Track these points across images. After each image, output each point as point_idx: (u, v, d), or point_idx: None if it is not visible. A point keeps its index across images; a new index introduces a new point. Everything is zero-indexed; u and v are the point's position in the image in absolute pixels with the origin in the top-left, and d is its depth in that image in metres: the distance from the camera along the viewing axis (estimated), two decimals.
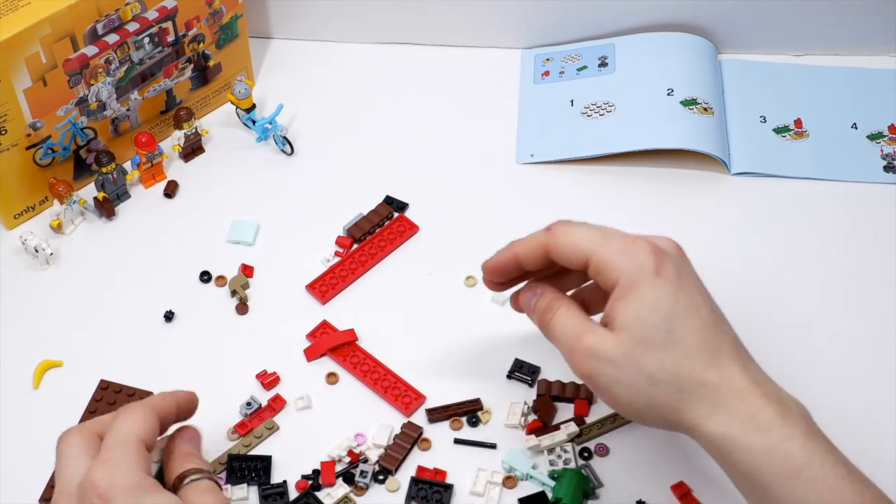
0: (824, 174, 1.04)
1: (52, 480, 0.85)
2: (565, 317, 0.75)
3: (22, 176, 0.98)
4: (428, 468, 0.85)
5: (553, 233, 0.76)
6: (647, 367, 0.70)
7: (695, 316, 0.71)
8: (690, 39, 1.11)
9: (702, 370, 0.70)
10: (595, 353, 0.71)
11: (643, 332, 0.70)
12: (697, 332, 0.71)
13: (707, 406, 0.70)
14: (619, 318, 0.71)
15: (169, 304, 0.95)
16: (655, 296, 0.71)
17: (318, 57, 1.15)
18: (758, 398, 0.69)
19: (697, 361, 0.70)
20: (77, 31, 0.94)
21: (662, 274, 0.71)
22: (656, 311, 0.70)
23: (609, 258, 0.72)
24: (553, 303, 0.76)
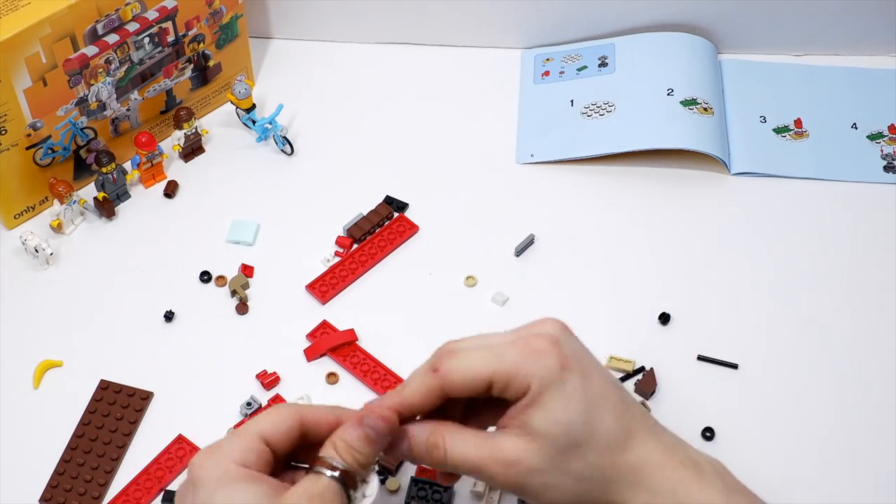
0: (824, 174, 1.04)
1: (52, 480, 0.85)
2: (459, 443, 0.69)
3: (22, 176, 0.98)
4: (428, 468, 0.85)
5: (443, 373, 0.69)
6: (574, 468, 0.68)
7: (605, 402, 0.69)
8: (690, 39, 1.11)
9: (622, 455, 0.69)
10: (520, 465, 0.68)
11: (564, 435, 0.68)
12: (611, 418, 0.69)
13: (631, 488, 0.69)
14: (536, 425, 0.68)
15: (169, 304, 0.95)
16: (567, 394, 0.68)
17: (318, 57, 1.15)
18: (675, 468, 0.69)
19: (617, 448, 0.69)
20: (77, 31, 0.94)
21: (567, 366, 0.68)
22: (571, 410, 0.68)
23: (514, 369, 0.68)
24: (433, 437, 0.69)
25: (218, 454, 0.66)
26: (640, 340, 0.92)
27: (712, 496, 0.68)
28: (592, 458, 0.68)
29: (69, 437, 0.87)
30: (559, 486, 0.68)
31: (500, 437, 0.69)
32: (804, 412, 0.89)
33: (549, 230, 1.00)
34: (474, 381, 0.69)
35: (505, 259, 0.98)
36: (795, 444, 0.86)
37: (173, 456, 0.86)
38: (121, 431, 0.88)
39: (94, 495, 0.85)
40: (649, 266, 0.98)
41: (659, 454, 0.69)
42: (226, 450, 0.66)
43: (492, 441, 0.69)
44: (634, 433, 0.70)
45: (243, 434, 0.68)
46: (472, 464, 0.69)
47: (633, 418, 0.70)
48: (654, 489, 0.68)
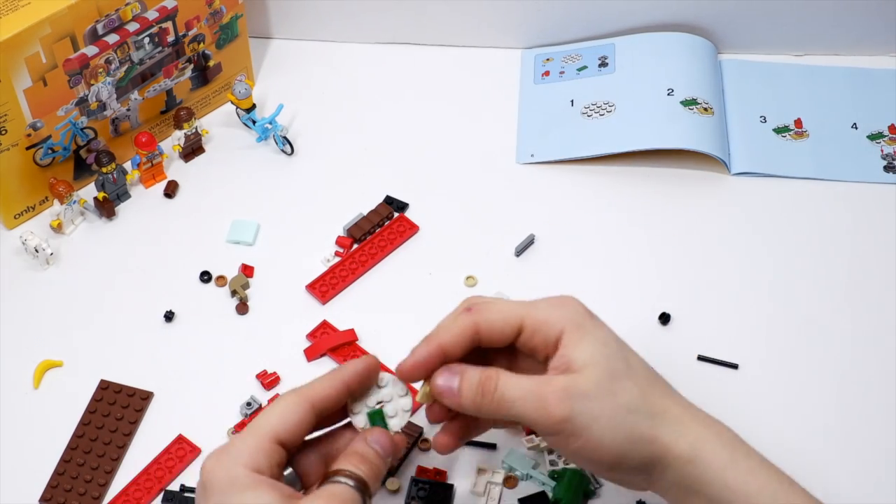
0: (824, 174, 1.04)
1: (52, 480, 0.85)
2: (512, 379, 0.70)
3: (22, 176, 0.98)
4: (428, 468, 0.85)
5: (476, 310, 0.72)
6: (621, 397, 0.69)
7: (633, 352, 0.73)
8: (690, 39, 1.11)
9: (664, 397, 0.71)
10: (571, 390, 0.69)
11: (607, 364, 0.70)
12: (642, 366, 0.72)
13: (676, 427, 0.70)
14: (580, 358, 0.70)
15: (169, 304, 0.95)
16: (602, 333, 0.72)
17: (318, 57, 1.15)
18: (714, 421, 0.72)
19: (654, 391, 0.71)
20: (77, 31, 0.94)
21: (595, 318, 0.73)
22: (609, 346, 0.71)
23: (544, 315, 0.71)
24: (487, 372, 0.70)
25: (227, 459, 0.66)
26: (640, 340, 0.92)
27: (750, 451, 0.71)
28: (637, 391, 0.70)
29: (69, 437, 0.87)
30: (609, 417, 0.69)
31: (548, 375, 0.71)
32: (804, 412, 0.89)
33: (549, 230, 1.00)
34: (506, 323, 0.71)
35: (505, 259, 0.98)
36: (795, 444, 0.86)
37: (173, 456, 0.86)
38: (121, 431, 0.88)
39: (94, 495, 0.85)
40: (649, 266, 0.98)
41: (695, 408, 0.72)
42: (235, 454, 0.66)
43: (543, 378, 0.70)
44: (665, 387, 0.73)
45: (254, 435, 0.67)
46: (529, 395, 0.69)
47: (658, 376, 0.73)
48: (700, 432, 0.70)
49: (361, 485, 0.67)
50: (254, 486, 0.65)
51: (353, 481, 0.67)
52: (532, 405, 0.69)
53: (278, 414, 0.68)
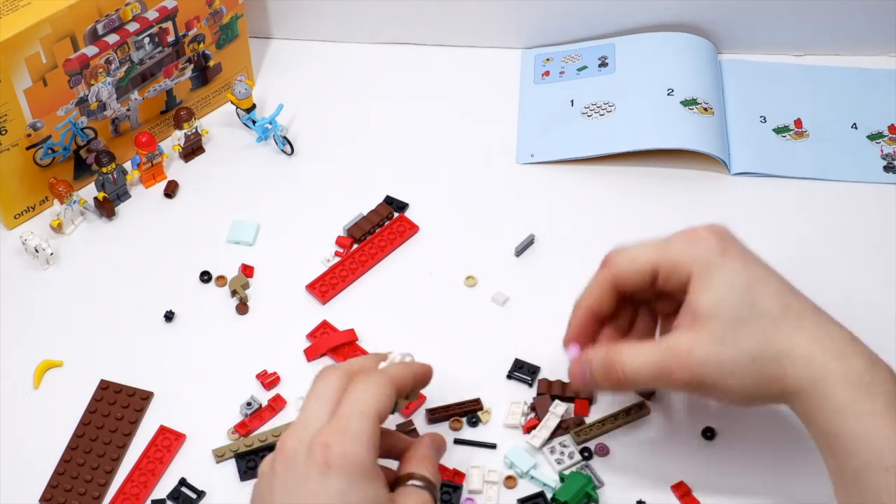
0: (824, 174, 1.04)
1: (52, 480, 0.85)
2: (634, 354, 0.74)
3: (22, 176, 0.98)
4: (448, 468, 0.85)
5: (610, 264, 0.77)
6: (745, 346, 0.71)
7: (768, 285, 0.74)
8: (690, 39, 1.11)
9: (791, 333, 0.72)
10: (696, 356, 0.71)
11: (729, 312, 0.71)
12: (776, 299, 0.73)
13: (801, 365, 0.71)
14: (703, 307, 0.72)
15: (169, 304, 0.95)
16: (729, 274, 0.73)
17: (318, 57, 1.15)
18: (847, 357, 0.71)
19: (785, 325, 0.72)
20: (77, 31, 0.94)
21: (728, 252, 0.74)
22: (735, 289, 0.72)
23: (675, 257, 0.74)
24: (609, 354, 0.75)
25: (354, 441, 0.67)
26: None
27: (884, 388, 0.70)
28: (762, 335, 0.71)
29: (69, 437, 0.87)
30: (735, 369, 0.71)
31: (672, 336, 0.73)
32: None
33: (549, 230, 1.00)
34: (640, 269, 0.75)
35: (505, 259, 0.98)
36: (796, 445, 0.86)
37: (160, 447, 0.86)
38: (121, 431, 0.88)
39: (94, 495, 0.85)
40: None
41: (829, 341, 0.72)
42: (360, 437, 0.67)
43: (664, 342, 0.73)
44: (803, 317, 0.73)
45: (367, 418, 0.68)
46: (652, 367, 0.73)
47: (800, 305, 0.74)
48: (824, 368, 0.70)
49: (431, 486, 0.72)
50: (377, 478, 0.67)
51: (424, 483, 0.71)
52: (659, 377, 0.73)
53: (377, 395, 0.70)
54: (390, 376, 0.72)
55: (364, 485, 0.66)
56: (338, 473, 0.65)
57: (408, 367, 0.75)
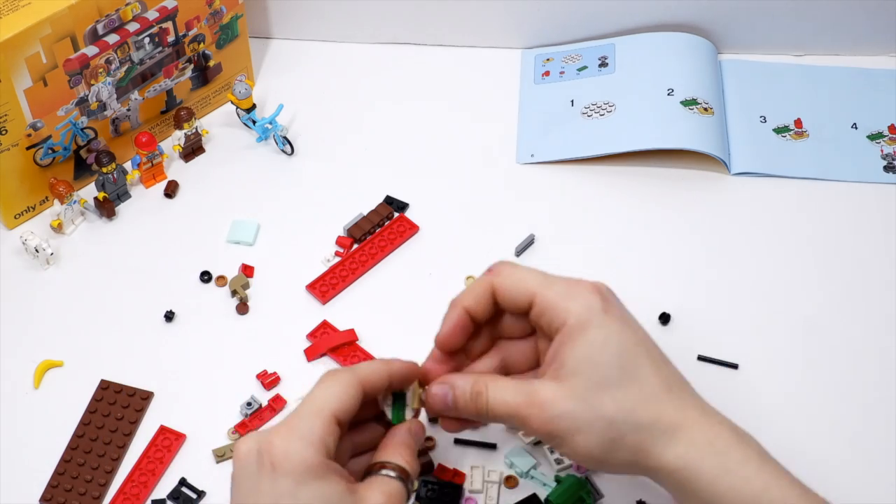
0: (824, 174, 1.04)
1: (52, 480, 0.85)
2: (500, 391, 0.71)
3: (22, 176, 0.98)
4: (448, 468, 0.85)
5: (496, 272, 0.74)
6: (605, 411, 0.69)
7: (644, 352, 0.71)
8: (690, 39, 1.11)
9: (658, 405, 0.69)
10: (551, 409, 0.69)
11: (597, 374, 0.69)
12: (649, 367, 0.70)
13: (665, 439, 0.69)
14: (569, 363, 0.69)
15: (169, 304, 0.95)
16: (604, 334, 0.70)
17: (318, 57, 1.15)
18: (713, 425, 0.70)
19: (653, 397, 0.69)
20: (77, 31, 0.94)
21: (609, 312, 0.71)
22: (607, 350, 0.69)
23: (555, 300, 0.71)
24: (477, 385, 0.72)
25: (299, 440, 0.66)
26: None
27: (750, 455, 0.69)
28: (626, 403, 0.69)
29: (69, 437, 0.87)
30: (590, 430, 0.69)
31: (536, 382, 0.71)
32: (804, 412, 0.89)
33: (549, 230, 1.00)
34: (519, 292, 0.73)
35: (505, 259, 0.98)
36: (796, 444, 0.86)
37: (160, 447, 0.86)
38: (121, 431, 0.88)
39: (94, 495, 0.85)
40: (649, 266, 0.98)
41: (697, 413, 0.70)
42: (307, 436, 0.66)
43: (529, 386, 0.71)
44: (673, 389, 0.70)
45: (318, 415, 0.67)
46: (510, 408, 0.71)
47: (672, 376, 0.71)
48: (690, 441, 0.69)
49: (404, 475, 0.70)
50: (328, 475, 0.66)
51: (396, 473, 0.69)
52: (516, 420, 0.71)
53: (337, 394, 0.69)
54: (357, 375, 0.71)
55: (313, 483, 0.65)
56: (284, 474, 0.65)
57: (384, 365, 0.73)
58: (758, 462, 0.69)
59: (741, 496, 0.68)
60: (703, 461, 0.69)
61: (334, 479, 0.66)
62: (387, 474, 0.69)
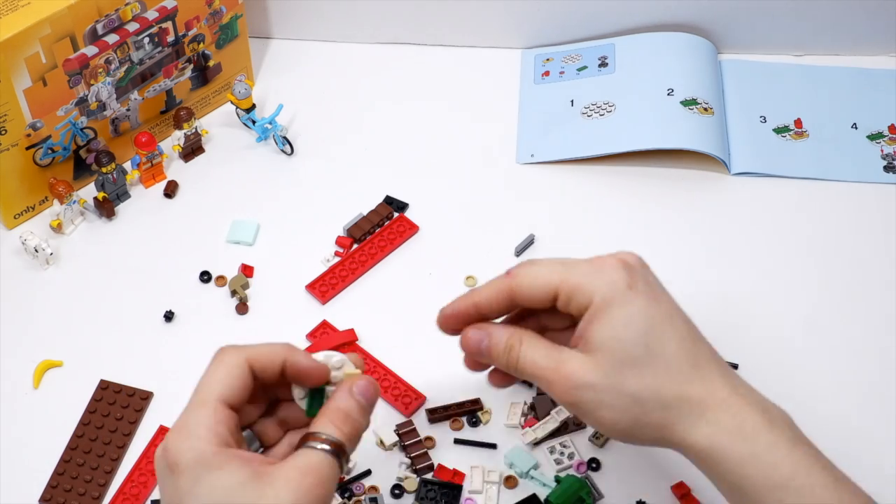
0: (824, 174, 1.04)
1: (52, 480, 0.85)
2: (532, 350, 0.71)
3: (22, 176, 0.98)
4: (448, 468, 0.85)
5: (514, 275, 0.73)
6: (629, 388, 0.68)
7: (671, 328, 0.70)
8: (690, 39, 1.11)
9: (684, 383, 0.69)
10: (576, 380, 0.69)
11: (622, 351, 0.68)
12: (676, 344, 0.69)
13: (692, 419, 0.69)
14: (595, 340, 0.69)
15: (169, 304, 0.95)
16: (630, 312, 0.69)
17: (318, 57, 1.15)
18: (742, 407, 0.69)
19: (679, 375, 0.69)
20: (77, 31, 0.94)
21: (634, 287, 0.70)
22: (632, 328, 0.69)
23: (579, 282, 0.70)
24: (512, 339, 0.72)
25: (190, 436, 0.64)
26: None
27: (779, 441, 0.68)
28: (651, 381, 0.68)
29: (69, 437, 0.87)
30: (614, 405, 0.69)
31: (566, 352, 0.70)
32: (804, 412, 0.88)
33: (549, 230, 1.00)
34: (541, 289, 0.71)
35: (505, 259, 0.98)
36: None
37: None
38: (121, 431, 0.88)
39: (94, 495, 0.85)
40: (649, 266, 0.98)
41: (726, 391, 0.69)
42: (196, 429, 0.64)
43: (559, 353, 0.70)
44: (701, 366, 0.70)
45: (205, 405, 0.65)
46: (538, 371, 0.71)
47: (700, 351, 0.70)
48: (717, 423, 0.68)
49: (337, 448, 0.64)
50: (224, 463, 0.63)
51: (328, 445, 0.64)
52: (541, 383, 0.71)
53: (221, 378, 0.66)
54: (244, 352, 0.67)
55: (208, 476, 0.62)
56: (180, 473, 0.63)
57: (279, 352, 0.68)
58: (788, 447, 0.68)
59: (769, 482, 0.67)
60: (731, 444, 0.68)
61: (232, 467, 0.63)
62: (311, 446, 0.64)
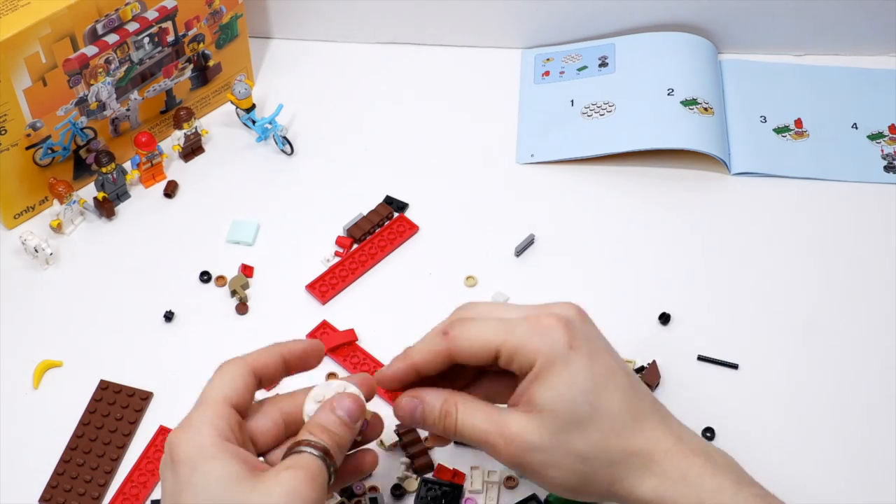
0: (824, 174, 1.04)
1: (52, 480, 0.85)
2: (469, 414, 0.70)
3: (22, 176, 0.98)
4: (448, 468, 0.85)
5: (452, 337, 0.71)
6: (575, 447, 0.68)
7: (613, 384, 0.69)
8: (690, 39, 1.11)
9: (629, 438, 0.69)
10: (520, 442, 0.68)
11: (566, 411, 0.68)
12: (619, 400, 0.69)
13: (639, 472, 0.69)
14: (539, 400, 0.68)
15: (169, 304, 0.95)
16: (572, 372, 0.68)
17: (318, 57, 1.15)
18: (686, 456, 0.69)
19: (623, 430, 0.69)
20: (77, 31, 0.94)
21: (575, 346, 0.69)
22: (576, 388, 0.68)
23: (520, 342, 0.69)
24: (447, 405, 0.71)
25: (192, 430, 0.66)
26: (640, 340, 0.92)
27: (724, 485, 0.68)
28: (597, 439, 0.68)
29: (69, 437, 0.87)
30: (561, 465, 0.69)
31: (507, 413, 0.70)
32: (804, 412, 0.89)
33: (549, 230, 1.00)
34: (481, 350, 0.70)
35: (505, 259, 0.98)
36: (795, 444, 0.86)
37: (160, 448, 0.86)
38: (121, 431, 0.88)
39: (93, 495, 0.85)
40: (649, 266, 0.98)
41: (670, 441, 0.69)
42: (198, 424, 0.66)
43: (499, 415, 0.70)
44: (644, 419, 0.70)
45: (208, 404, 0.67)
46: (480, 436, 0.70)
47: (642, 404, 0.70)
48: (663, 474, 0.68)
49: (326, 454, 0.66)
50: (221, 454, 0.64)
51: (317, 451, 0.66)
52: (484, 446, 0.70)
53: (226, 382, 0.68)
54: (246, 360, 0.70)
55: (205, 464, 0.64)
56: (180, 463, 0.65)
57: (276, 347, 0.71)
58: (733, 490, 0.68)
59: None
60: (677, 494, 0.68)
61: (228, 459, 0.64)
62: (299, 450, 0.66)
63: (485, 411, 0.70)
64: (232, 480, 0.63)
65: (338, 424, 0.68)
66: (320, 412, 0.69)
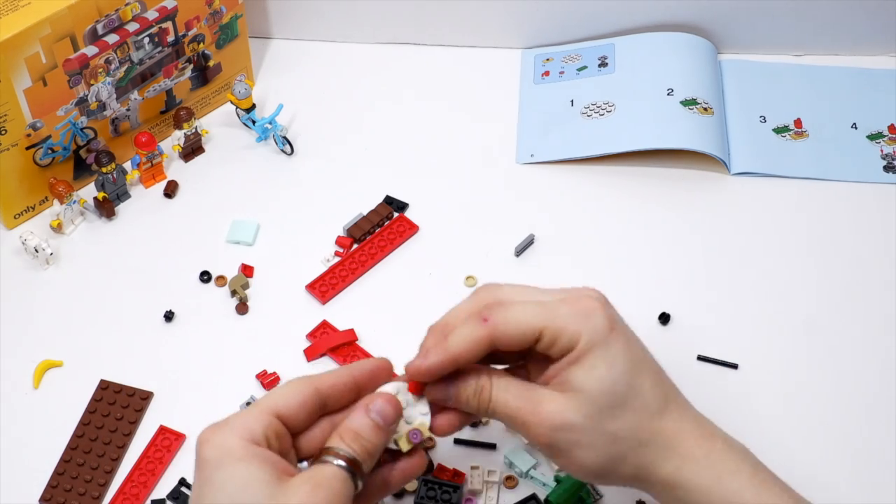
0: (824, 174, 1.04)
1: (52, 480, 0.85)
2: (504, 391, 0.70)
3: (22, 176, 0.98)
4: (448, 468, 0.85)
5: (494, 323, 0.69)
6: (609, 428, 0.69)
7: (647, 367, 0.71)
8: (690, 39, 1.11)
9: (659, 420, 0.70)
10: (554, 421, 0.68)
11: (605, 392, 0.68)
12: (651, 383, 0.70)
13: (664, 454, 0.70)
14: (577, 381, 0.68)
15: (169, 304, 0.95)
16: (613, 354, 0.69)
17: (318, 57, 1.15)
18: (707, 438, 0.70)
19: (655, 412, 0.70)
20: (77, 31, 0.94)
21: (615, 329, 0.70)
22: (616, 369, 0.69)
23: (564, 325, 0.69)
24: (481, 381, 0.70)
25: (224, 429, 0.65)
26: None
27: (742, 467, 0.70)
28: (630, 420, 0.69)
29: (69, 437, 0.87)
30: (592, 445, 0.69)
31: (541, 392, 0.70)
32: (804, 412, 0.89)
33: (549, 230, 1.00)
34: (525, 333, 0.69)
35: (505, 259, 0.98)
36: (795, 445, 0.86)
37: (160, 447, 0.87)
38: (121, 431, 0.88)
39: (94, 495, 0.85)
40: (649, 266, 0.98)
41: (692, 424, 0.71)
42: (232, 424, 0.65)
43: (533, 393, 0.70)
44: (670, 401, 0.71)
45: (254, 408, 0.66)
46: (512, 412, 0.70)
47: (669, 388, 0.72)
48: (686, 455, 0.69)
49: (351, 464, 0.65)
50: (248, 457, 0.63)
51: (342, 461, 0.65)
52: (516, 424, 0.70)
53: (280, 393, 0.68)
54: (313, 381, 0.69)
55: (230, 465, 0.63)
56: (206, 460, 0.64)
57: (346, 371, 0.70)
58: (749, 472, 0.70)
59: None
60: (698, 474, 0.69)
61: (254, 463, 0.63)
62: (325, 460, 0.65)
63: (519, 388, 0.70)
64: (254, 484, 0.63)
65: (370, 428, 0.67)
66: (354, 414, 0.67)
